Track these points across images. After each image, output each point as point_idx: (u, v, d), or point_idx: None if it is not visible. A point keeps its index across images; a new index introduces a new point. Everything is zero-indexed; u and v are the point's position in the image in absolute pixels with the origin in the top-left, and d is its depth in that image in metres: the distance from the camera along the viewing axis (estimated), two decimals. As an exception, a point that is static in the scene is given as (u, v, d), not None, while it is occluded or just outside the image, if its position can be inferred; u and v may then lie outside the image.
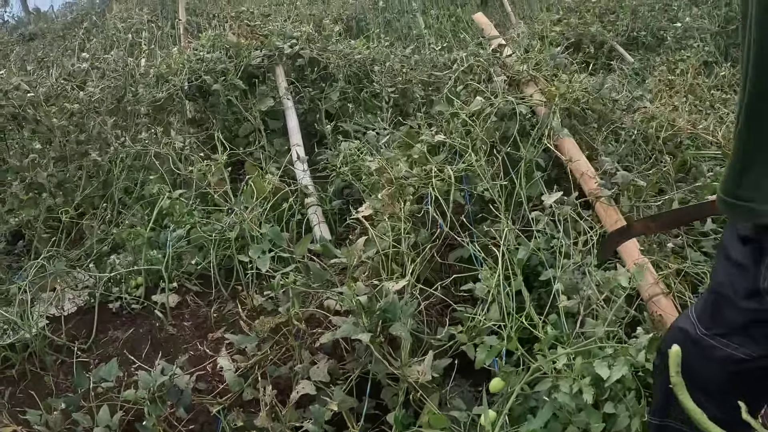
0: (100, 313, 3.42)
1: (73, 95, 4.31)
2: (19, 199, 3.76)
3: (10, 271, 3.85)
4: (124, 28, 9.21)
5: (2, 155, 4.30)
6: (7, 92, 4.20)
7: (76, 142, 3.99)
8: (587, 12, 9.80)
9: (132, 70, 4.72)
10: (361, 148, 4.04)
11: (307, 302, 2.72)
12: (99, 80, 4.55)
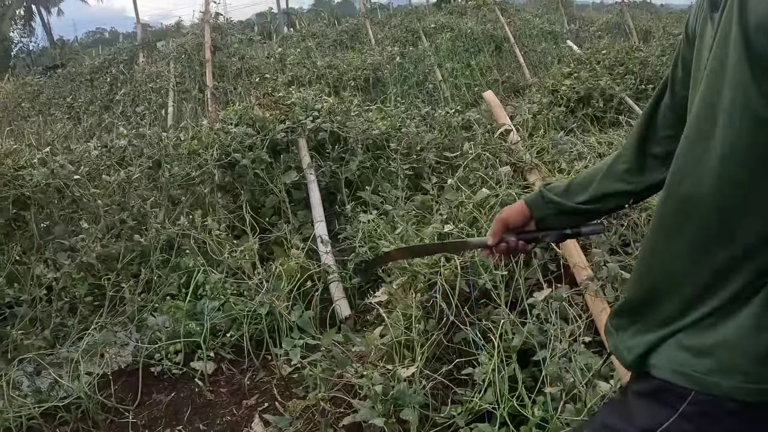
0: (143, 376, 3.78)
1: (114, 173, 4.72)
2: (72, 278, 4.16)
3: (55, 330, 4.26)
4: (153, 88, 9.52)
5: (49, 229, 4.74)
6: (53, 170, 4.59)
7: (119, 221, 4.41)
8: (597, 64, 9.99)
9: (166, 146, 5.11)
10: (377, 222, 4.46)
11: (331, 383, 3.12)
12: (137, 158, 4.97)
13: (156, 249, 4.46)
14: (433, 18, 15.48)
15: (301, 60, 10.84)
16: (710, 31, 1.25)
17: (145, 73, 11.00)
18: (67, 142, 7.12)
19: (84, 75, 14.33)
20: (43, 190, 4.57)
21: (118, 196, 4.58)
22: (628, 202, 1.74)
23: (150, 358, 3.92)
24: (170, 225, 4.53)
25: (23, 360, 3.85)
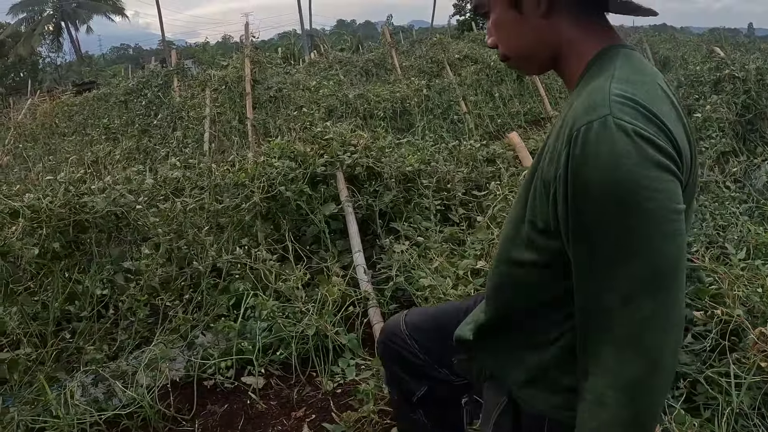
0: (196, 389, 4.19)
1: (168, 202, 5.18)
2: (137, 300, 4.61)
3: (112, 344, 4.67)
4: (193, 116, 9.94)
5: (106, 251, 5.17)
6: (114, 199, 5.03)
7: (177, 248, 4.87)
8: (616, 95, 10.37)
9: (216, 177, 5.57)
10: (411, 252, 4.91)
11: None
12: (191, 189, 5.44)
13: (206, 273, 4.89)
14: (457, 47, 15.90)
15: (334, 92, 11.30)
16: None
17: (181, 99, 11.44)
18: (118, 168, 7.55)
19: (118, 96, 14.85)
20: (104, 216, 5.00)
21: (175, 225, 5.02)
22: None
23: (202, 372, 4.33)
24: (219, 252, 4.97)
25: (84, 371, 4.20)
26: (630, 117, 1.31)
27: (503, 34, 1.65)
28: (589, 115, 1.33)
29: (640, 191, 1.27)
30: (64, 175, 5.27)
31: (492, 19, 1.65)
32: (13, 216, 4.91)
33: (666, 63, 20.14)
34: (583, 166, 1.31)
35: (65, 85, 30.35)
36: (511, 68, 1.92)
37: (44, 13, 60.30)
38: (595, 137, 1.30)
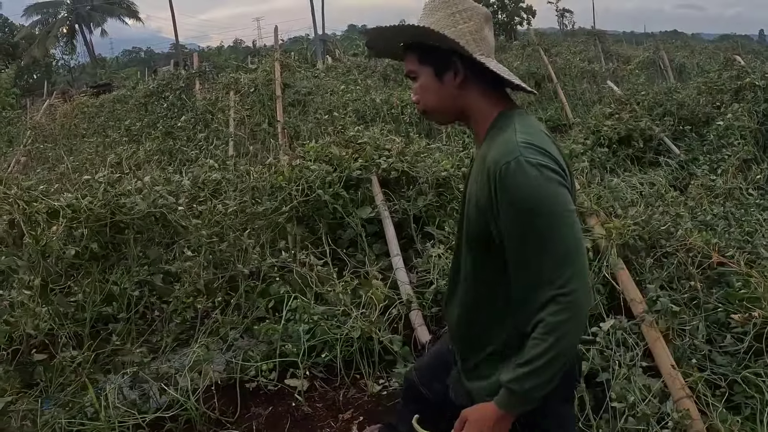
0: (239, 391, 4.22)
1: (210, 206, 5.20)
2: (183, 303, 4.63)
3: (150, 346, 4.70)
4: (220, 118, 9.96)
5: (144, 253, 5.18)
6: (154, 200, 5.06)
7: (219, 251, 4.90)
8: (637, 105, 10.36)
9: (255, 180, 5.61)
10: (447, 255, 4.95)
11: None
12: (231, 192, 5.47)
13: (246, 276, 4.92)
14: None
15: (360, 97, 11.35)
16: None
17: (206, 101, 11.47)
18: (146, 169, 7.57)
19: (138, 99, 14.90)
20: (143, 217, 5.02)
21: (217, 227, 5.04)
22: None
23: (243, 374, 4.34)
24: (261, 255, 5.00)
25: (123, 373, 4.21)
26: (532, 155, 1.96)
27: (426, 94, 2.26)
28: (507, 157, 1.97)
29: (546, 201, 1.95)
30: (102, 176, 5.30)
31: (419, 83, 2.26)
32: (51, 215, 4.93)
33: (682, 71, 20.13)
34: (506, 192, 1.96)
35: (79, 87, 30.48)
36: (427, 119, 2.70)
37: (59, 16, 60.53)
38: (513, 171, 1.94)
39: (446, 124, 2.67)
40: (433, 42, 2.18)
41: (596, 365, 3.71)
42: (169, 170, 6.29)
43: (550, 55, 15.89)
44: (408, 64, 2.29)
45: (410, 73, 2.29)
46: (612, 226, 4.37)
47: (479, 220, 2.09)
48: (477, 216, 2.09)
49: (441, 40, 2.13)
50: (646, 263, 4.45)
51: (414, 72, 2.27)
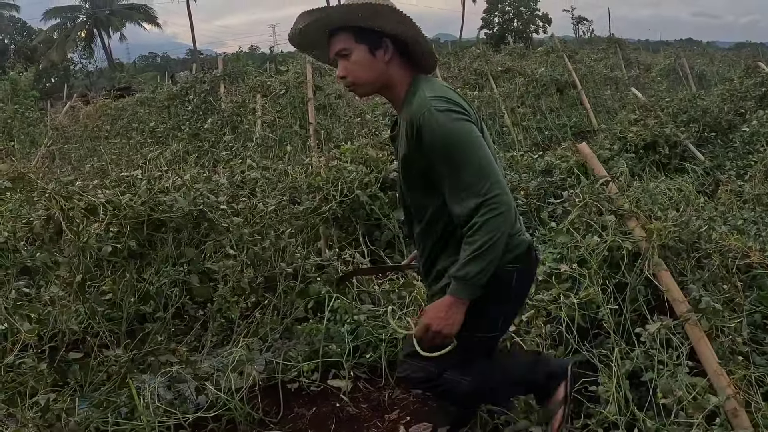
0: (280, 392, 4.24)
1: (250, 204, 5.22)
2: (227, 301, 4.65)
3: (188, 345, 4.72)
4: (251, 121, 10.00)
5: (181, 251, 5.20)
6: (195, 198, 5.06)
7: (261, 249, 4.92)
8: (662, 111, 10.43)
9: (295, 180, 5.64)
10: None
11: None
12: (271, 191, 5.50)
13: (286, 276, 4.94)
14: (500, 60, 15.99)
15: (383, 99, 11.38)
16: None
17: (232, 104, 11.53)
18: (176, 170, 7.59)
19: (161, 101, 15.00)
20: (182, 215, 5.02)
21: (258, 226, 5.05)
22: None
23: (284, 374, 4.37)
24: (305, 255, 5.03)
25: (162, 372, 4.20)
26: (439, 104, 2.58)
27: (359, 70, 2.75)
28: (420, 110, 2.58)
29: (456, 135, 2.55)
30: (142, 173, 5.31)
31: (352, 59, 2.73)
32: (90, 212, 4.93)
33: (702, 78, 20.13)
34: (425, 136, 2.56)
35: (97, 91, 30.63)
36: (351, 91, 2.89)
37: (77, 20, 60.99)
38: (427, 119, 2.56)
39: (368, 95, 2.98)
40: (376, 24, 2.70)
41: (640, 364, 3.73)
42: (200, 170, 6.28)
43: (574, 61, 15.93)
44: (339, 43, 2.75)
45: (342, 51, 2.74)
46: (653, 227, 4.38)
47: (411, 167, 2.74)
48: (409, 164, 2.74)
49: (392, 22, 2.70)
50: (687, 265, 4.47)
51: (347, 50, 2.74)
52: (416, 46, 2.79)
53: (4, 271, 5.03)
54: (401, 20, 2.70)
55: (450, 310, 2.65)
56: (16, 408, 3.68)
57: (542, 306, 4.01)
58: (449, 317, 2.67)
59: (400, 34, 2.74)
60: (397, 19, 2.69)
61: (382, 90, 2.85)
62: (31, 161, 11.15)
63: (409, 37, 2.75)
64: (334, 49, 2.77)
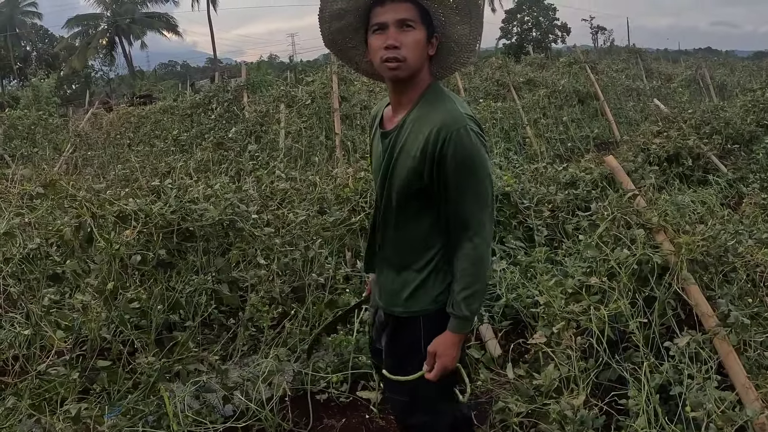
0: (308, 402, 4.27)
1: (280, 214, 5.27)
2: (258, 311, 4.70)
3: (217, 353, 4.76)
4: (276, 131, 10.06)
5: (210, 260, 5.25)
6: (226, 208, 5.11)
7: (291, 260, 4.96)
8: (684, 122, 10.37)
9: (322, 192, 5.69)
10: (513, 270, 5.01)
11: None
12: (300, 202, 5.54)
13: (317, 286, 4.98)
14: (521, 70, 16.01)
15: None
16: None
17: (257, 113, 11.61)
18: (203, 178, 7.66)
19: (184, 110, 15.10)
20: (212, 225, 5.07)
21: (288, 236, 5.10)
22: None
23: (313, 385, 4.39)
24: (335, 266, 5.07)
25: (192, 381, 4.21)
26: (474, 126, 2.52)
27: (414, 47, 2.52)
28: (457, 124, 2.47)
29: (479, 164, 2.51)
30: (172, 182, 5.36)
31: (413, 37, 2.50)
32: (121, 220, 4.97)
33: (723, 88, 20.07)
34: (453, 150, 2.46)
35: (117, 98, 30.93)
36: (393, 69, 2.55)
37: (99, 28, 61.50)
38: (461, 136, 2.45)
39: (403, 80, 2.61)
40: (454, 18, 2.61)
41: (669, 378, 3.76)
42: (229, 180, 6.35)
43: (596, 72, 15.92)
44: (405, 12, 2.49)
45: (408, 21, 2.49)
46: (682, 241, 4.40)
47: (412, 167, 2.56)
48: (411, 164, 2.56)
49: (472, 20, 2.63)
50: (715, 278, 4.49)
51: (412, 23, 2.50)
52: (449, 56, 2.72)
53: (35, 277, 5.13)
54: (477, 34, 2.65)
55: (456, 347, 2.68)
56: (44, 414, 3.73)
57: (572, 318, 4.03)
58: (456, 353, 2.69)
59: (455, 39, 2.65)
60: (475, 29, 2.64)
61: (408, 81, 2.61)
62: (53, 167, 11.26)
63: (458, 45, 2.67)
64: (396, 14, 2.49)
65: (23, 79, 49.48)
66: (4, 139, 13.14)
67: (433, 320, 2.71)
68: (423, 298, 2.73)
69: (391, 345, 2.89)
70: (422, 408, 2.87)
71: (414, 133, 2.55)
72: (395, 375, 2.83)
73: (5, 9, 63.86)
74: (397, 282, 2.78)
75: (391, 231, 2.76)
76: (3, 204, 5.69)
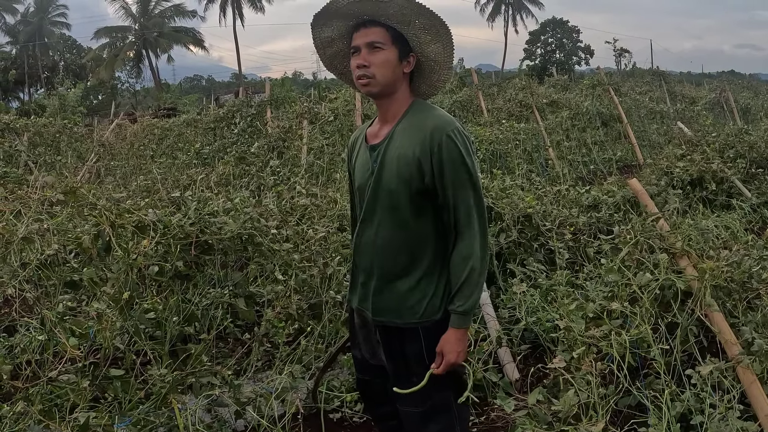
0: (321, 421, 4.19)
1: (299, 230, 5.24)
2: (273, 326, 4.66)
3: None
4: (299, 147, 10.06)
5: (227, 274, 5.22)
6: (245, 222, 5.08)
7: (309, 276, 4.92)
8: (708, 146, 10.27)
9: (342, 208, 5.66)
10: (533, 293, 4.94)
11: None
12: (320, 218, 5.52)
13: (334, 303, 4.93)
14: (544, 92, 15.96)
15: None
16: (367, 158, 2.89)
17: (279, 129, 11.63)
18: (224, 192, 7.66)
19: (207, 123, 15.18)
20: (231, 238, 5.04)
21: (307, 253, 5.07)
22: None
23: (327, 404, 4.33)
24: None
25: (203, 394, 4.14)
26: (461, 128, 2.73)
27: (383, 68, 2.74)
28: (450, 125, 2.69)
29: (472, 160, 2.70)
30: (192, 194, 5.35)
31: (382, 57, 2.73)
32: (140, 230, 4.96)
33: (746, 111, 19.92)
34: (450, 148, 2.64)
35: (143, 110, 31.20)
36: (364, 85, 2.81)
37: (126, 40, 62.13)
38: (455, 136, 2.66)
39: (375, 96, 2.87)
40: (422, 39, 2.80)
41: (691, 406, 3.67)
42: (249, 194, 6.33)
43: (620, 94, 15.86)
44: (375, 35, 2.74)
45: (376, 43, 2.73)
46: (705, 267, 4.33)
47: (410, 169, 2.70)
48: (409, 167, 2.70)
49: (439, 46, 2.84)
50: (739, 305, 4.41)
51: (381, 45, 2.74)
52: (432, 74, 2.93)
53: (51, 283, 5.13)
54: (451, 52, 2.88)
55: (462, 342, 2.79)
56: (53, 421, 3.70)
57: (593, 343, 3.96)
58: (463, 348, 2.80)
59: (432, 58, 2.86)
60: (448, 47, 2.86)
61: (385, 97, 2.86)
62: (76, 175, 11.34)
63: (436, 63, 2.88)
64: (365, 38, 2.75)
65: (50, 87, 50.02)
66: (29, 146, 13.21)
67: (433, 325, 2.84)
68: (420, 304, 2.83)
69: (394, 358, 2.96)
70: (440, 412, 2.94)
71: (408, 138, 2.74)
72: (406, 388, 2.86)
73: (34, 18, 64.76)
74: (394, 293, 2.87)
75: (384, 240, 2.84)
76: (23, 209, 5.71)
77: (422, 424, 2.96)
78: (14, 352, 4.74)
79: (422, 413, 2.93)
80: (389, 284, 2.87)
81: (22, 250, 5.27)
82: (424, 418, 2.94)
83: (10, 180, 9.24)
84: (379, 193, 2.79)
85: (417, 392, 2.84)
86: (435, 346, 2.80)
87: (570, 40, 68.89)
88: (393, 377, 2.95)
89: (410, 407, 2.95)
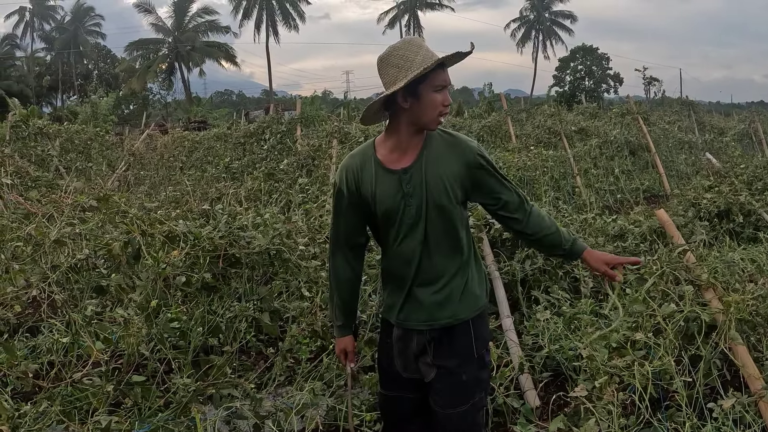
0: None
1: (327, 248, 5.24)
2: (298, 342, 4.70)
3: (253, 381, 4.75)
4: (327, 165, 10.12)
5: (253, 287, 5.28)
6: (274, 237, 5.14)
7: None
8: (736, 178, 10.23)
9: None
10: (557, 321, 4.95)
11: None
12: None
13: (360, 323, 4.94)
14: (574, 119, 15.95)
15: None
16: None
17: (309, 147, 11.72)
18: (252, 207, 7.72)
19: (237, 138, 15.34)
20: (260, 253, 5.10)
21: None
22: None
23: (347, 422, 4.29)
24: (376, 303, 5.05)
25: (224, 405, 4.15)
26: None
27: None
28: (474, 140, 3.11)
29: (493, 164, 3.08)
30: (222, 207, 5.41)
31: (448, 96, 3.01)
32: (170, 240, 5.02)
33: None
34: (482, 159, 3.01)
35: (173, 122, 31.51)
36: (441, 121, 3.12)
37: (160, 53, 62.90)
38: (481, 147, 3.08)
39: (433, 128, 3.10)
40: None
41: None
42: (275, 210, 6.38)
43: (649, 124, 15.82)
44: (446, 75, 2.96)
45: (446, 83, 2.96)
46: (731, 300, 4.33)
47: (453, 185, 2.97)
48: (450, 187, 2.97)
49: None
50: (763, 340, 4.40)
51: (448, 85, 2.98)
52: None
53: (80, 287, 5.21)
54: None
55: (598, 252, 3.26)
56: (73, 422, 3.77)
57: (615, 372, 3.96)
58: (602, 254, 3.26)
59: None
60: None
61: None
62: (106, 183, 11.48)
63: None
64: (448, 79, 2.98)
65: (83, 95, 50.66)
66: (60, 151, 13.38)
67: (477, 315, 3.12)
68: (468, 299, 3.09)
69: (445, 358, 3.07)
70: (479, 409, 3.17)
71: (446, 157, 3.02)
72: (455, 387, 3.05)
73: (70, 27, 65.81)
74: (451, 295, 3.06)
75: (437, 250, 3.05)
76: (55, 213, 5.81)
77: (462, 422, 3.08)
78: (36, 352, 4.82)
79: (463, 413, 3.07)
80: (444, 288, 3.07)
81: (52, 253, 5.36)
82: (464, 416, 3.07)
83: (41, 184, 9.37)
84: (424, 209, 3.00)
85: (462, 392, 3.04)
86: (479, 334, 3.09)
87: (599, 68, 68.75)
88: (439, 383, 3.07)
89: (457, 407, 3.07)
